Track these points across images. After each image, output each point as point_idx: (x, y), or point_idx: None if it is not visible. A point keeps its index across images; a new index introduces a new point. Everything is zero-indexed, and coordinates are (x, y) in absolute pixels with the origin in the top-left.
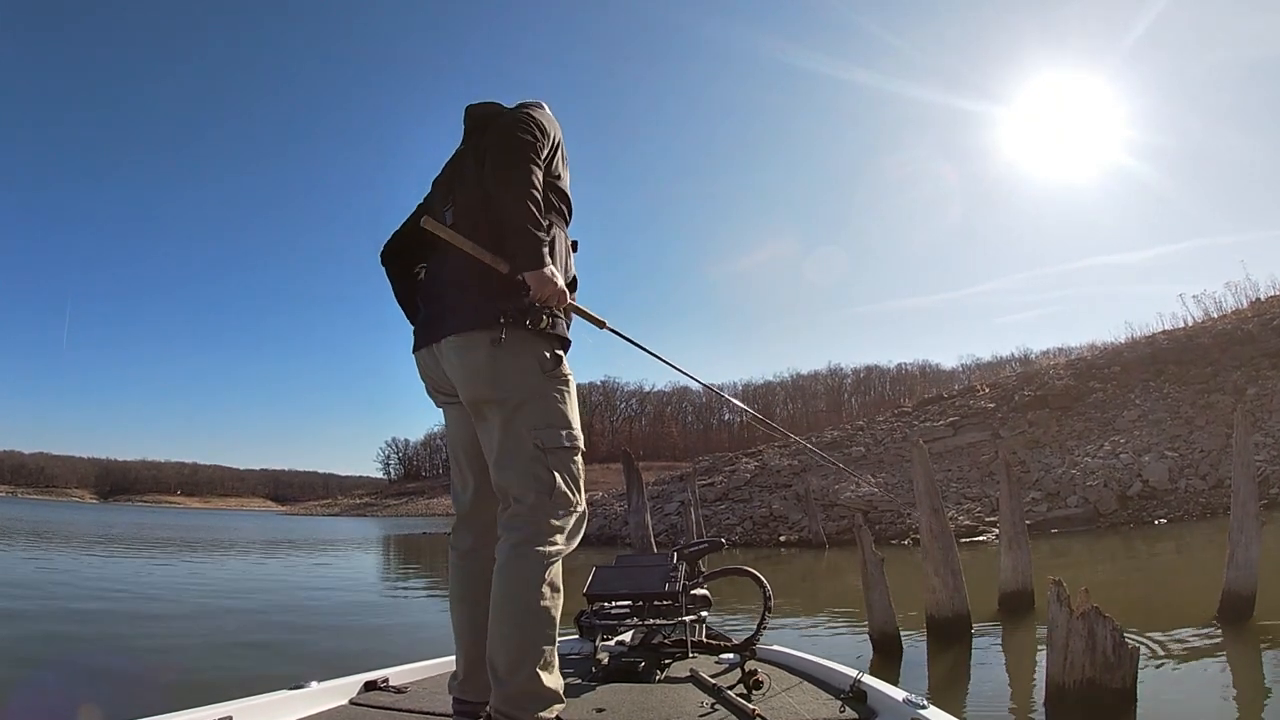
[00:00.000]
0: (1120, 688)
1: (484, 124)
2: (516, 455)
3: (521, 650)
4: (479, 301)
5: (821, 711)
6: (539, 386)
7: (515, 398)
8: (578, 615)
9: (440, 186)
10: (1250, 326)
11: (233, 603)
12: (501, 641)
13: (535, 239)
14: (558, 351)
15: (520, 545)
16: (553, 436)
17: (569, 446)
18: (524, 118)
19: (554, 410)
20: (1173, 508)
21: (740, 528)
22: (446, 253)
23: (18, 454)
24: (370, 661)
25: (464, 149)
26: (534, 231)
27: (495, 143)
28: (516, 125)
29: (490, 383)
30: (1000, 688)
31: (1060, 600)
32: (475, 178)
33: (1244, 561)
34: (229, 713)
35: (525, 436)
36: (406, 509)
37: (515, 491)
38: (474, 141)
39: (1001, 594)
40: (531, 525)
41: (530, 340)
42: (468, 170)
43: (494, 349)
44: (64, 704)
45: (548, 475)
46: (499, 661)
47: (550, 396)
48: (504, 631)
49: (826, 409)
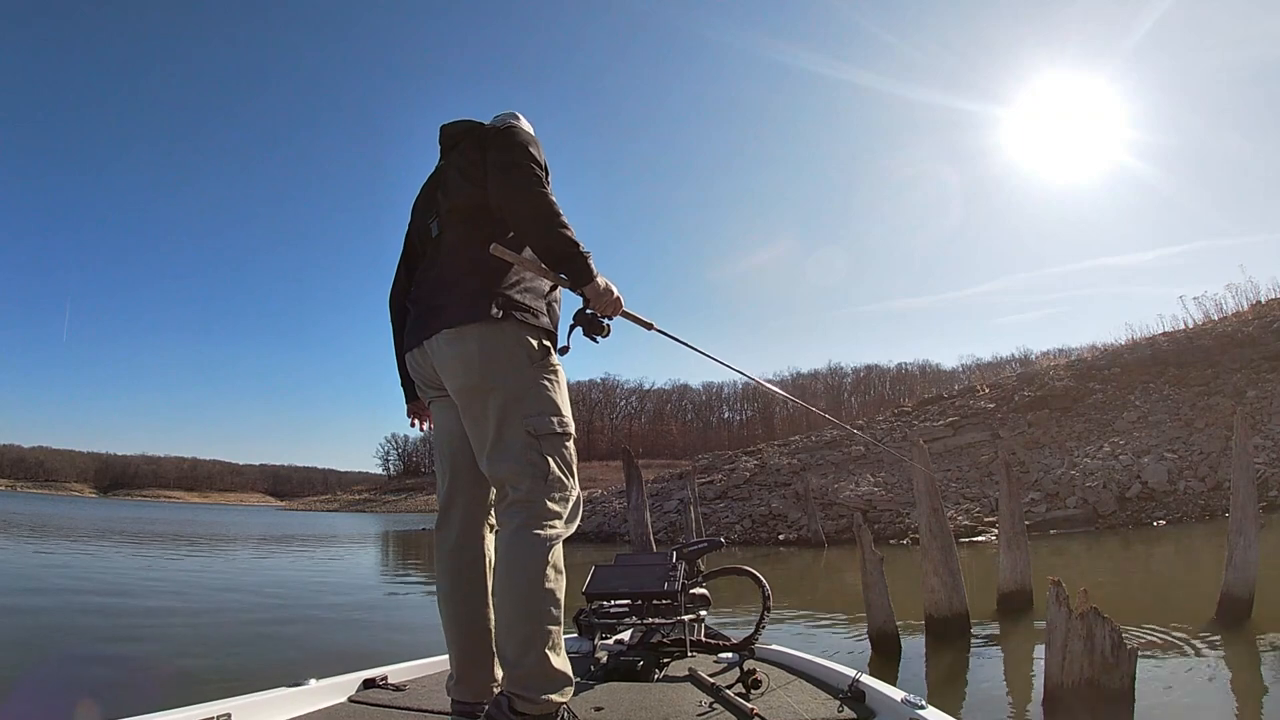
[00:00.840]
0: (1119, 688)
1: (459, 140)
2: (510, 444)
3: (529, 633)
4: (469, 297)
5: (820, 711)
6: (529, 376)
7: (506, 387)
8: (576, 614)
9: (422, 203)
10: (1250, 329)
11: (232, 599)
12: (508, 626)
13: (581, 259)
14: (545, 342)
15: (521, 530)
16: (544, 423)
17: (560, 432)
18: (520, 146)
19: (544, 398)
20: (1171, 509)
21: (739, 526)
22: (435, 259)
23: (17, 448)
24: (369, 659)
25: (443, 165)
26: (579, 253)
27: (504, 183)
28: (521, 155)
29: (482, 373)
30: (999, 687)
31: (1059, 600)
32: (458, 188)
33: (1242, 563)
34: (228, 709)
35: (517, 425)
36: (406, 505)
37: (511, 480)
38: (453, 158)
39: (1000, 594)
40: (530, 510)
41: (519, 332)
42: (451, 183)
43: (485, 341)
44: (63, 700)
45: (542, 461)
46: (507, 646)
47: (540, 384)
48: (510, 616)
49: (827, 408)
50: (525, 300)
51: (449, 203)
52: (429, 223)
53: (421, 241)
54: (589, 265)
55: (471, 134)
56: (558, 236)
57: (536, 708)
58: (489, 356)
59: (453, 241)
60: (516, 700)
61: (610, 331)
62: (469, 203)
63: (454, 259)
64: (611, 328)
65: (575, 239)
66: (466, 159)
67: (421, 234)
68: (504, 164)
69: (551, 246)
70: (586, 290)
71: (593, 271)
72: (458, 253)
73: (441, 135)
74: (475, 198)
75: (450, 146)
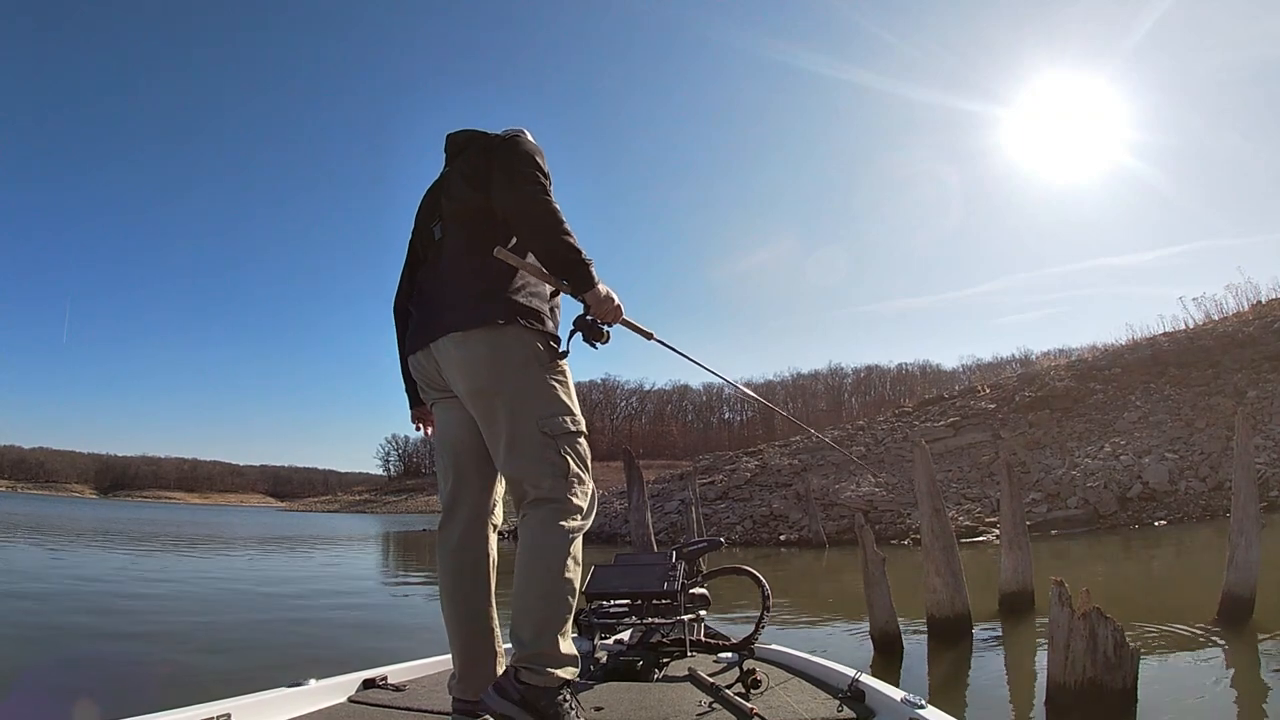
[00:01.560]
0: (1121, 688)
1: (464, 147)
2: (527, 444)
3: (546, 619)
4: (475, 301)
5: (819, 711)
6: (538, 377)
7: (516, 389)
8: (576, 614)
9: (425, 208)
10: (1251, 329)
11: (232, 599)
12: (526, 610)
13: (583, 266)
14: (551, 345)
15: (546, 521)
16: (558, 423)
17: (574, 430)
18: (525, 154)
19: (555, 398)
20: (1172, 509)
21: (740, 527)
22: (438, 260)
23: (18, 449)
24: (369, 659)
25: (447, 171)
26: (581, 260)
27: (509, 188)
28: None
29: (491, 376)
30: (1001, 687)
31: (1062, 600)
32: (462, 192)
33: (1244, 563)
34: (228, 709)
35: (532, 426)
36: (406, 505)
37: (531, 479)
38: (457, 164)
39: (1002, 594)
40: (554, 504)
41: (526, 335)
42: (454, 187)
43: (493, 345)
44: (62, 700)
45: (560, 459)
46: (524, 628)
47: (550, 385)
48: (530, 601)
49: (827, 408)
50: (532, 304)
51: (452, 206)
52: (432, 226)
53: (424, 245)
54: (590, 272)
55: (476, 141)
56: (560, 243)
57: (542, 679)
58: (497, 360)
59: (455, 245)
60: (524, 672)
61: (609, 338)
62: (472, 207)
63: (457, 262)
64: (611, 334)
65: (578, 246)
66: (471, 164)
67: (424, 238)
68: (509, 170)
69: (554, 253)
70: (587, 297)
71: (594, 278)
72: (461, 256)
73: (447, 143)
74: (478, 202)
75: (455, 153)
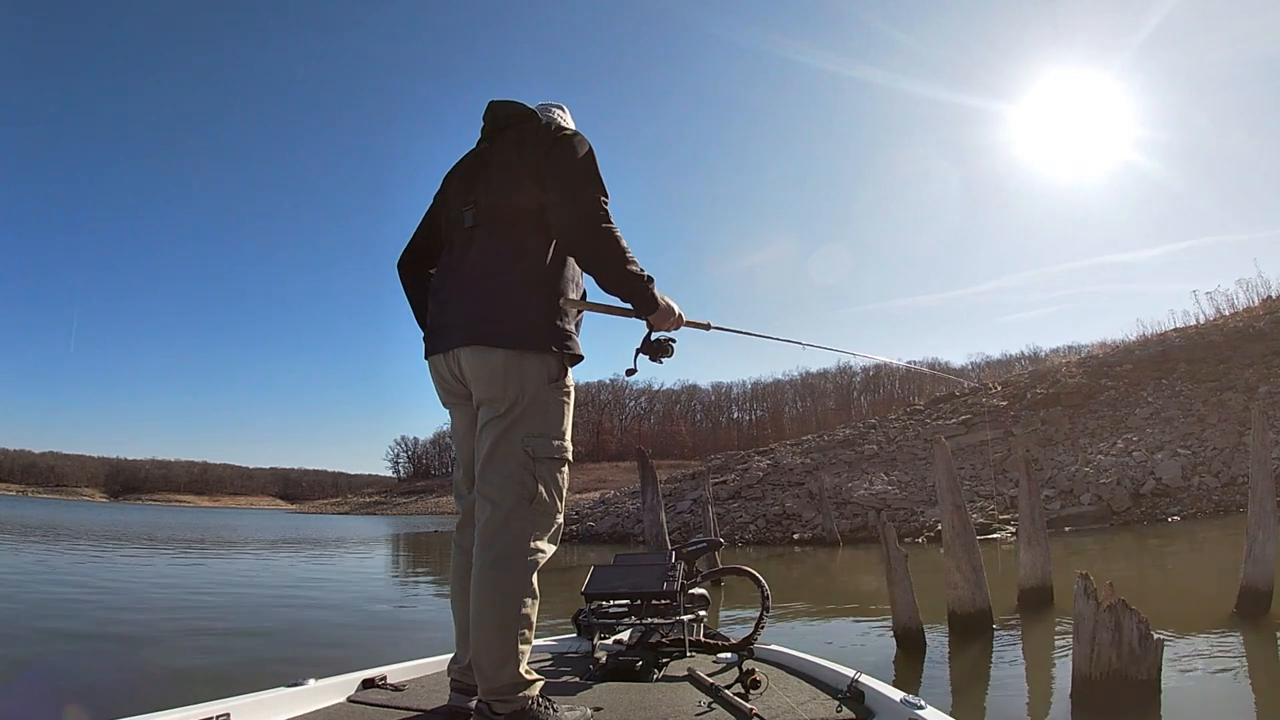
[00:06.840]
0: (1146, 679)
1: (508, 125)
2: (506, 459)
3: (505, 652)
4: (510, 317)
5: (819, 711)
6: (541, 395)
7: (517, 403)
8: (576, 614)
9: (456, 183)
10: (1261, 324)
11: (232, 599)
12: (486, 645)
13: (648, 290)
14: (565, 364)
15: (501, 558)
16: (544, 446)
17: (557, 458)
18: (584, 170)
19: (550, 420)
20: (1185, 505)
21: (753, 526)
22: (467, 251)
23: (28, 453)
24: (369, 659)
25: (488, 148)
26: (646, 286)
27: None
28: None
29: (498, 386)
30: (1024, 681)
31: (1088, 593)
32: (503, 188)
33: (1261, 557)
34: (227, 709)
35: (517, 443)
36: (416, 507)
37: (495, 495)
38: (499, 147)
39: (1021, 590)
40: (510, 535)
41: (545, 356)
42: (494, 176)
43: (509, 361)
44: (62, 699)
45: (532, 482)
46: (484, 662)
47: (550, 406)
48: (490, 635)
49: (836, 407)
50: (565, 327)
51: (489, 199)
52: (463, 211)
53: (450, 227)
54: (655, 294)
55: (523, 124)
56: (626, 274)
57: (513, 706)
58: (509, 373)
59: (489, 243)
60: (496, 704)
61: (674, 351)
62: (515, 205)
63: (489, 264)
64: (675, 345)
65: (641, 270)
66: (519, 159)
67: (452, 220)
68: (568, 184)
69: (621, 283)
70: (653, 318)
71: (658, 299)
72: (494, 259)
73: (489, 114)
74: (522, 202)
75: (497, 130)
